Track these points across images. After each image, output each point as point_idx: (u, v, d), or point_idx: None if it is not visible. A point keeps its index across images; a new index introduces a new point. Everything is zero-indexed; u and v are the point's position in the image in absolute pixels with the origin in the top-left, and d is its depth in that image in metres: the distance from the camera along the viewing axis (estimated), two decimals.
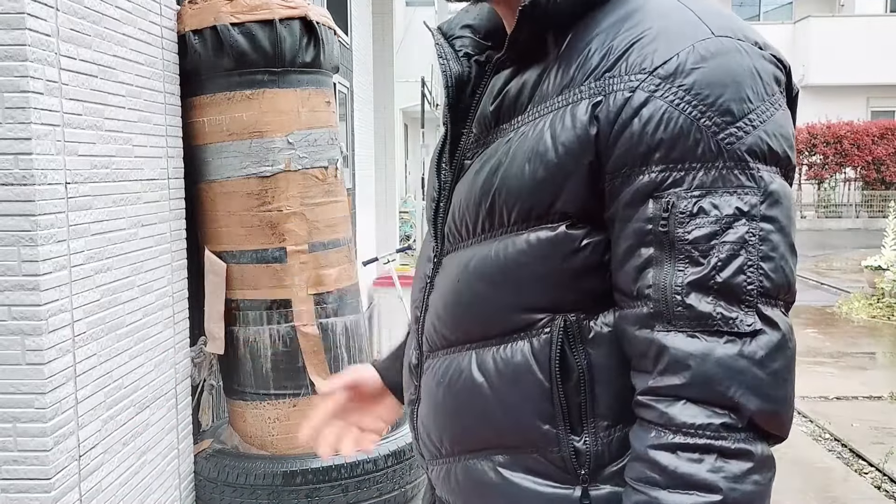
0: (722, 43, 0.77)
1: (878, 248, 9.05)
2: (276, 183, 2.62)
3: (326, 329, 2.70)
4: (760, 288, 0.74)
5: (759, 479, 0.74)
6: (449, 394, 0.91)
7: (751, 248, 0.74)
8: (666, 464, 0.74)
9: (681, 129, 0.74)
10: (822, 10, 23.00)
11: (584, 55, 0.81)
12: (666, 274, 0.75)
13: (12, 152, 1.73)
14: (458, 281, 0.90)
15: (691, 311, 0.74)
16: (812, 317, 8.34)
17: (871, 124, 18.99)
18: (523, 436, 0.85)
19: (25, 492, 1.80)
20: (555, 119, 0.81)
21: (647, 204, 0.76)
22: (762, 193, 0.75)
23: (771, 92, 0.77)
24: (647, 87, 0.76)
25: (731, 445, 0.73)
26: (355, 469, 2.52)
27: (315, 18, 2.66)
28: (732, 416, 0.74)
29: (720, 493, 0.72)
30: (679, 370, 0.75)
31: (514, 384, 0.85)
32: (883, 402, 5.29)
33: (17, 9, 1.71)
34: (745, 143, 0.75)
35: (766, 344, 0.74)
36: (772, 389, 0.74)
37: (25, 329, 1.77)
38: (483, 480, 0.89)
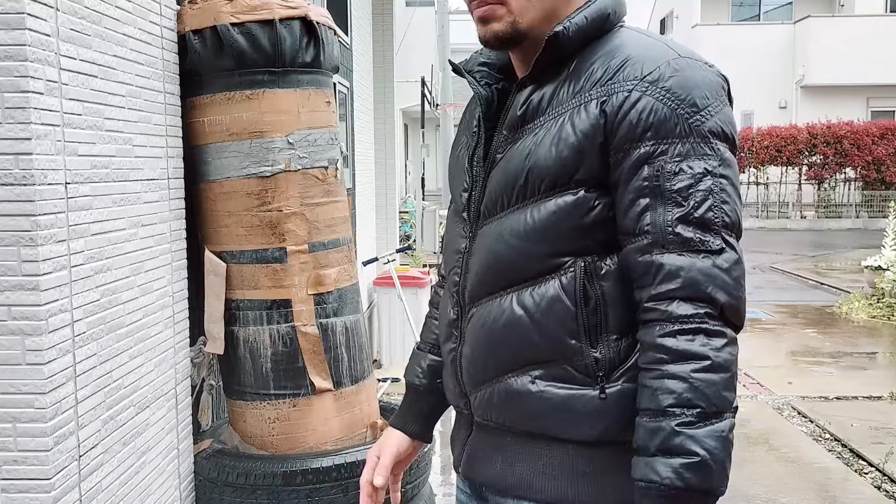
0: (686, 61, 1.14)
1: (878, 249, 9.05)
2: (276, 183, 2.62)
3: (326, 329, 2.70)
4: (723, 221, 1.09)
5: (731, 350, 1.08)
6: (494, 329, 1.21)
7: (715, 195, 1.09)
8: (670, 345, 1.07)
9: (664, 116, 1.10)
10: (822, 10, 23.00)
11: (591, 71, 1.16)
12: (660, 214, 1.10)
13: (12, 152, 1.73)
14: (497, 242, 1.21)
15: (679, 237, 1.08)
16: (812, 317, 8.34)
17: (871, 124, 18.98)
18: (556, 350, 1.16)
19: (25, 492, 1.80)
20: (573, 114, 1.15)
21: (643, 168, 1.10)
22: (719, 159, 1.11)
23: (720, 94, 1.14)
24: (640, 88, 1.12)
25: (712, 327, 1.07)
26: (355, 469, 2.52)
27: (315, 18, 2.66)
28: (711, 308, 1.07)
29: (709, 359, 1.05)
30: (672, 278, 1.08)
31: (548, 311, 1.16)
32: (883, 402, 5.28)
33: (17, 9, 1.71)
34: (706, 125, 1.11)
35: (729, 259, 1.09)
36: (734, 290, 1.09)
37: (25, 329, 1.77)
38: (522, 392, 1.19)
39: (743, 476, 4.04)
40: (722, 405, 1.05)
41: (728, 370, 1.06)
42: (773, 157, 19.06)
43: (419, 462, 2.73)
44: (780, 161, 19.07)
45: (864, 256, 9.48)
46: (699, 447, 1.03)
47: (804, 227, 18.85)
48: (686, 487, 1.03)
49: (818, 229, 18.56)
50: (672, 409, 1.05)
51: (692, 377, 1.05)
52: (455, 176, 1.33)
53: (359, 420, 2.78)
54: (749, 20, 23.99)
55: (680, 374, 1.05)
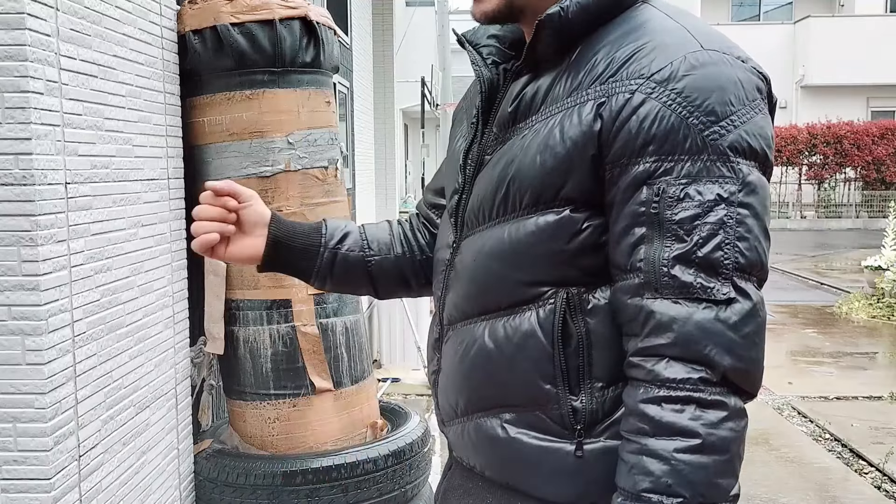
0: (710, 55, 0.91)
1: (878, 249, 9.04)
2: (276, 183, 2.62)
3: (326, 329, 2.70)
4: (736, 263, 0.87)
5: (733, 426, 0.88)
6: (465, 360, 1.04)
7: (728, 228, 0.87)
8: (653, 414, 0.87)
9: (672, 126, 0.88)
10: (822, 10, 22.99)
11: (592, 63, 0.95)
12: (655, 249, 0.89)
13: (12, 152, 1.73)
14: (474, 260, 1.03)
15: (675, 281, 0.87)
16: (812, 317, 8.33)
17: (871, 124, 18.98)
18: (527, 394, 0.98)
19: (25, 492, 1.80)
20: (564, 117, 0.95)
21: (641, 189, 0.89)
22: (740, 183, 0.88)
23: (752, 98, 0.91)
24: (644, 89, 0.89)
25: (708, 397, 0.87)
26: (355, 469, 2.52)
27: (315, 18, 2.66)
28: (708, 372, 0.86)
29: (699, 437, 0.86)
30: (663, 331, 0.88)
31: (520, 349, 0.98)
32: (883, 402, 5.28)
33: (17, 9, 1.71)
34: (727, 139, 0.88)
35: (740, 311, 0.87)
36: (743, 350, 0.87)
37: (25, 329, 1.77)
38: (491, 436, 1.01)
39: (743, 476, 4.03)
40: (711, 495, 0.86)
41: (725, 451, 0.87)
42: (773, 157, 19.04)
43: (419, 462, 2.73)
44: (780, 161, 19.06)
45: (864, 256, 9.48)
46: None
47: (804, 227, 18.86)
48: None
49: (818, 229, 18.56)
50: (648, 496, 0.86)
51: (675, 458, 0.85)
52: (450, 169, 1.15)
53: (359, 420, 2.78)
54: (749, 20, 23.98)
55: (661, 453, 0.86)
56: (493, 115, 1.05)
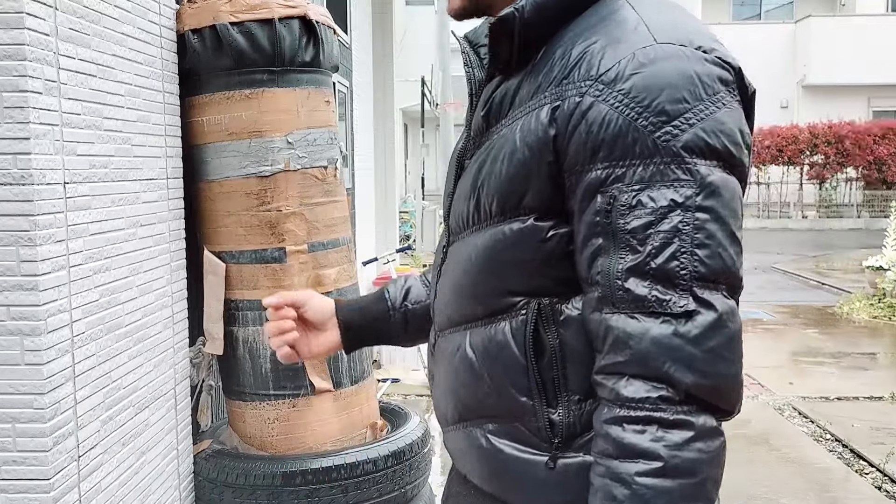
0: (662, 49, 0.85)
1: (879, 249, 9.03)
2: (276, 183, 2.61)
3: None
4: (695, 273, 0.82)
5: (701, 447, 0.81)
6: (451, 368, 1.02)
7: (684, 236, 0.82)
8: (615, 436, 0.83)
9: (619, 130, 0.83)
10: (823, 9, 22.98)
11: (550, 63, 0.91)
12: (610, 261, 0.84)
13: (11, 152, 1.73)
14: (455, 267, 1.02)
15: (629, 295, 0.83)
16: (813, 317, 8.33)
17: (872, 124, 18.98)
18: (505, 406, 0.95)
19: (25, 492, 1.79)
20: (525, 122, 0.91)
21: (596, 198, 0.85)
22: (698, 186, 0.82)
23: (712, 92, 0.85)
24: (592, 92, 0.85)
25: (670, 417, 0.81)
26: (355, 469, 2.52)
27: (315, 18, 2.66)
28: (669, 390, 0.81)
29: (661, 460, 0.80)
30: (621, 349, 0.83)
31: (496, 360, 0.95)
32: (884, 403, 5.28)
33: (16, 8, 1.71)
34: (680, 140, 0.83)
35: (702, 324, 0.81)
36: (707, 366, 0.82)
37: (24, 329, 1.77)
38: (477, 446, 0.99)
39: (744, 476, 4.03)
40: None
41: (692, 474, 0.80)
42: (774, 157, 19.05)
43: (419, 462, 2.72)
44: (781, 161, 19.06)
45: (865, 256, 9.47)
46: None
47: (805, 226, 18.84)
48: None
49: (819, 229, 18.55)
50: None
51: (636, 483, 0.81)
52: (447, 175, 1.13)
53: (358, 420, 2.78)
54: (750, 20, 23.97)
55: (623, 477, 0.82)
56: (473, 119, 1.03)
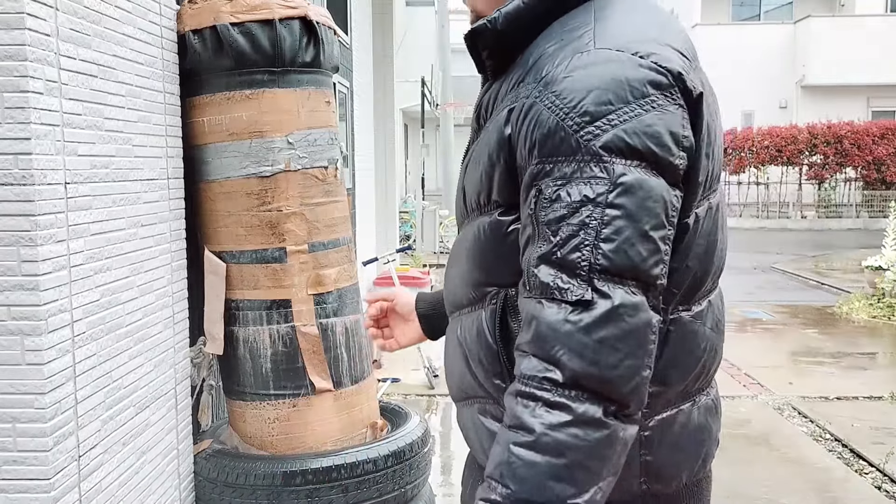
0: (597, 55, 0.90)
1: (878, 249, 9.04)
2: (276, 183, 2.61)
3: (326, 329, 2.70)
4: (596, 265, 0.86)
5: (576, 432, 0.84)
6: (452, 350, 1.12)
7: (589, 230, 0.86)
8: (509, 405, 0.89)
9: (549, 129, 0.89)
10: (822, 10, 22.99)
11: (519, 69, 0.98)
12: (531, 250, 0.91)
13: (12, 152, 1.73)
14: (457, 256, 1.11)
15: (537, 281, 0.89)
16: (812, 317, 8.33)
17: (871, 124, 18.98)
18: (483, 387, 1.05)
19: (25, 492, 1.80)
20: (494, 123, 0.99)
21: (530, 191, 0.91)
22: (612, 184, 0.86)
23: (640, 95, 0.88)
24: (535, 94, 0.92)
25: (552, 398, 0.85)
26: (355, 469, 2.52)
27: (315, 18, 2.66)
28: (556, 373, 0.85)
29: (532, 435, 0.85)
30: (528, 329, 0.89)
31: (476, 344, 1.05)
32: (883, 403, 5.28)
33: (17, 8, 1.71)
34: (600, 139, 0.87)
35: (595, 314, 0.85)
36: (597, 355, 0.85)
37: (25, 329, 1.77)
38: (469, 422, 1.11)
39: (743, 476, 4.03)
40: (540, 496, 0.84)
41: (560, 455, 0.83)
42: (773, 157, 19.06)
43: (419, 462, 2.72)
44: (780, 161, 19.06)
45: (864, 256, 9.47)
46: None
47: (804, 226, 18.85)
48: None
49: (818, 229, 18.55)
50: (489, 480, 0.88)
51: (510, 450, 0.86)
52: None
53: (358, 420, 2.78)
54: (749, 20, 23.97)
55: (503, 443, 0.88)
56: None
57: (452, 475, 4.06)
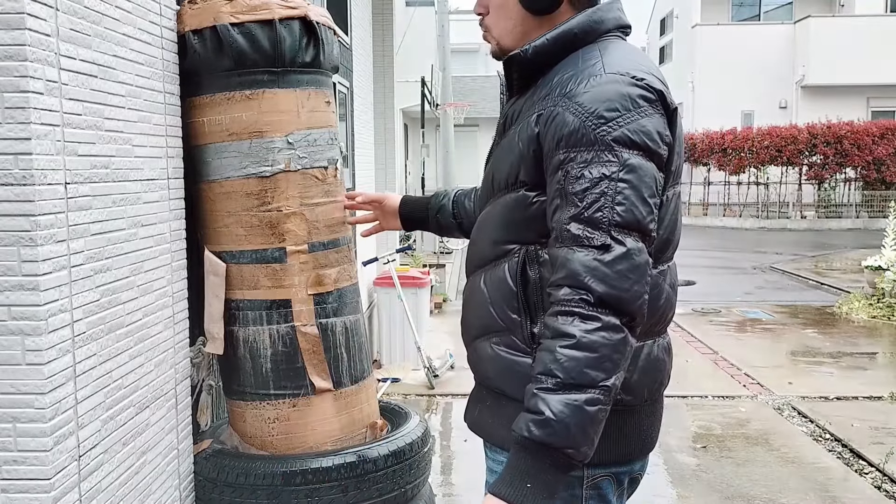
0: (607, 77, 1.30)
1: (878, 249, 9.04)
2: (276, 183, 2.62)
3: (326, 329, 2.70)
4: (612, 221, 1.24)
5: (605, 335, 1.22)
6: (469, 299, 1.52)
7: (608, 197, 1.24)
8: (550, 323, 1.26)
9: (574, 128, 1.28)
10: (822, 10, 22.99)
11: (541, 88, 1.38)
12: (562, 213, 1.29)
13: (12, 152, 1.73)
14: (482, 227, 1.50)
15: (569, 234, 1.27)
16: (812, 317, 8.33)
17: (871, 124, 18.98)
18: (503, 322, 1.42)
19: (25, 492, 1.80)
20: (523, 126, 1.38)
21: (558, 172, 1.30)
22: (620, 165, 1.25)
23: (636, 106, 1.28)
24: (561, 104, 1.31)
25: (586, 312, 1.23)
26: (355, 469, 2.52)
27: (315, 18, 2.66)
28: (587, 295, 1.23)
29: (573, 339, 1.22)
30: (562, 268, 1.27)
31: (498, 289, 1.42)
32: (883, 403, 5.28)
33: (17, 9, 1.71)
34: (611, 135, 1.26)
35: (614, 254, 1.23)
36: (615, 281, 1.23)
37: (25, 329, 1.77)
38: (485, 354, 1.47)
39: (743, 476, 4.04)
40: (581, 379, 1.21)
41: (594, 350, 1.21)
42: (773, 157, 19.06)
43: (419, 462, 2.73)
44: (780, 161, 19.07)
45: (864, 256, 9.48)
46: (547, 408, 1.21)
47: (804, 227, 18.85)
48: (531, 439, 1.22)
49: (818, 229, 18.55)
50: (538, 376, 1.24)
51: (557, 351, 1.23)
52: None
53: (359, 420, 2.78)
54: (749, 20, 23.97)
55: (550, 348, 1.24)
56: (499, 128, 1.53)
57: (452, 475, 4.06)
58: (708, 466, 4.16)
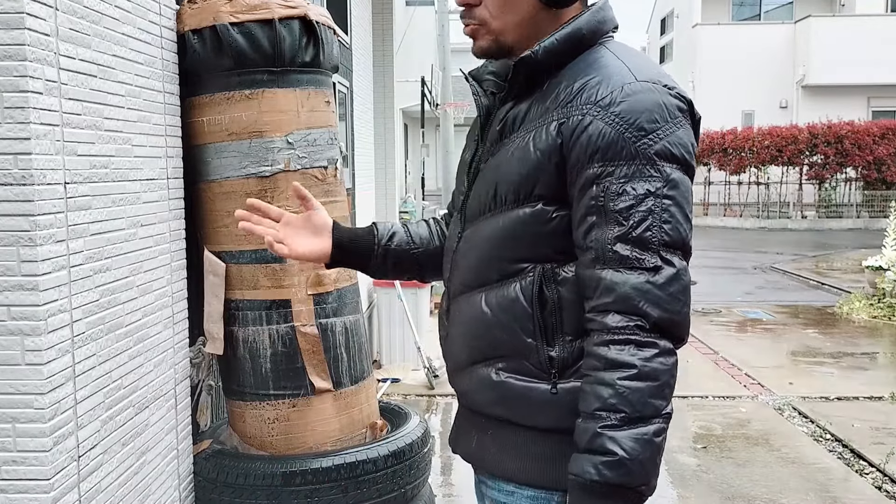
0: (641, 85, 1.20)
1: (878, 249, 9.03)
2: (276, 183, 2.61)
3: (326, 329, 2.70)
4: (661, 240, 1.16)
5: (662, 360, 1.15)
6: (466, 323, 1.36)
7: (655, 215, 1.16)
8: (602, 354, 1.16)
9: (612, 139, 1.17)
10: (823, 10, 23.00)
11: (556, 93, 1.25)
12: (602, 232, 1.18)
13: (11, 152, 1.73)
14: (474, 245, 1.35)
15: (616, 255, 1.17)
16: (813, 317, 8.33)
17: (871, 124, 18.97)
18: (513, 347, 1.29)
19: (25, 492, 1.79)
20: (536, 134, 1.25)
21: (592, 187, 1.19)
22: (664, 181, 1.17)
23: (674, 117, 1.19)
24: (592, 112, 1.19)
25: (642, 339, 1.15)
26: (355, 469, 2.52)
27: (315, 18, 2.66)
28: (642, 321, 1.15)
29: (635, 368, 1.14)
30: (609, 293, 1.17)
31: (508, 311, 1.29)
32: (884, 403, 5.28)
33: (17, 8, 1.71)
34: (653, 148, 1.17)
35: (666, 275, 1.16)
36: (668, 304, 1.16)
37: (24, 329, 1.77)
38: (487, 381, 1.33)
39: (743, 476, 4.03)
40: (646, 411, 1.14)
41: (656, 379, 1.14)
42: (773, 157, 19.05)
43: (419, 462, 2.72)
44: (780, 161, 19.06)
45: (864, 256, 9.47)
46: (618, 447, 1.13)
47: (805, 226, 18.85)
48: (604, 482, 1.13)
49: (819, 229, 18.55)
50: (598, 413, 1.15)
51: (618, 384, 1.14)
52: (458, 177, 1.47)
53: (358, 420, 2.78)
54: (750, 20, 23.97)
55: (608, 381, 1.14)
56: (487, 134, 1.37)
57: (452, 475, 4.05)
58: (708, 467, 4.16)
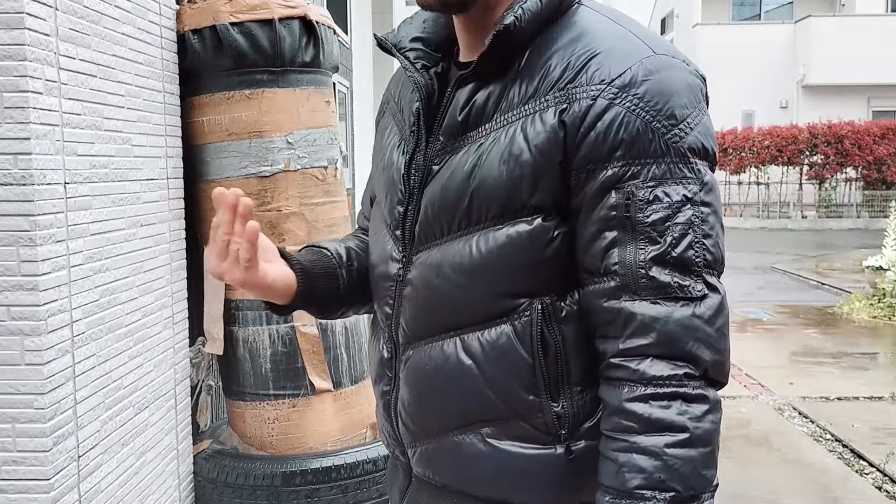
0: (662, 60, 0.92)
1: (878, 249, 9.03)
2: (276, 183, 2.61)
3: (326, 329, 2.70)
4: (705, 260, 0.90)
5: (713, 418, 0.89)
6: (435, 378, 1.01)
7: (696, 228, 0.89)
8: (641, 412, 0.88)
9: (638, 131, 0.89)
10: (823, 9, 22.99)
11: (546, 69, 0.94)
12: (629, 252, 0.89)
13: (11, 152, 1.73)
14: (437, 276, 0.99)
15: (653, 282, 0.89)
16: (813, 317, 8.33)
17: (872, 124, 18.96)
18: (509, 407, 0.97)
19: (25, 492, 1.79)
20: (525, 124, 0.93)
21: (610, 194, 0.90)
22: (700, 183, 0.91)
23: (698, 100, 0.93)
24: (606, 95, 0.90)
25: (692, 391, 0.88)
26: (355, 469, 2.52)
27: (315, 18, 2.66)
28: (692, 367, 0.88)
29: (688, 432, 0.87)
30: (646, 332, 0.89)
31: (499, 362, 0.96)
32: (884, 403, 5.28)
33: (17, 8, 1.71)
34: (685, 141, 0.90)
35: (712, 305, 0.90)
36: (718, 343, 0.90)
37: (24, 329, 1.77)
38: (472, 452, 1.00)
39: (744, 477, 4.03)
40: (700, 487, 0.87)
41: (709, 443, 0.88)
42: (773, 157, 19.05)
43: None
44: (780, 161, 19.05)
45: (865, 256, 9.46)
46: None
47: (805, 227, 18.85)
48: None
49: (819, 229, 18.55)
50: (641, 492, 0.87)
51: (667, 454, 0.86)
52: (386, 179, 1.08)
53: (358, 420, 2.78)
54: (750, 20, 23.98)
55: (652, 449, 0.87)
56: (437, 124, 1.01)
57: None
58: None
